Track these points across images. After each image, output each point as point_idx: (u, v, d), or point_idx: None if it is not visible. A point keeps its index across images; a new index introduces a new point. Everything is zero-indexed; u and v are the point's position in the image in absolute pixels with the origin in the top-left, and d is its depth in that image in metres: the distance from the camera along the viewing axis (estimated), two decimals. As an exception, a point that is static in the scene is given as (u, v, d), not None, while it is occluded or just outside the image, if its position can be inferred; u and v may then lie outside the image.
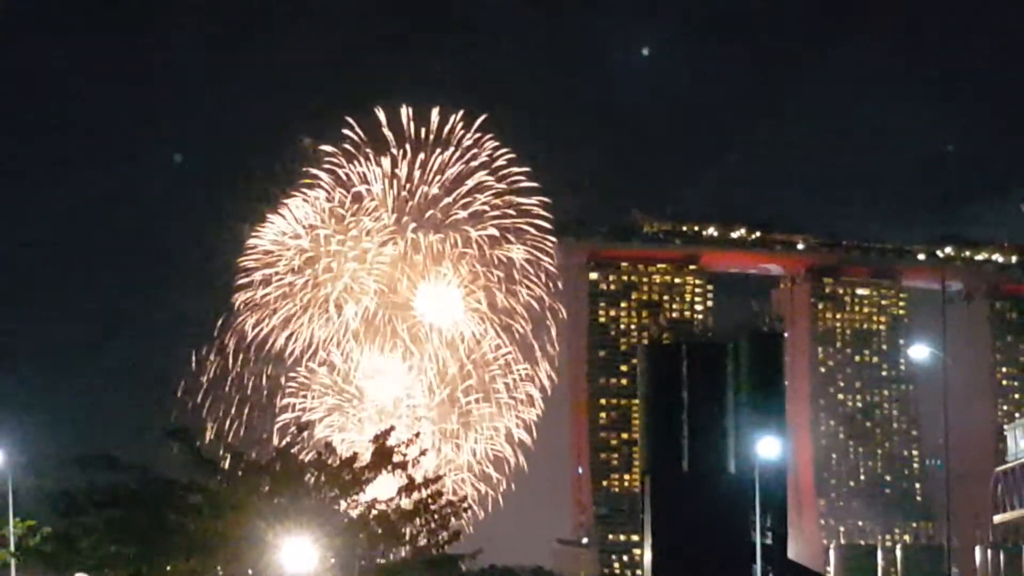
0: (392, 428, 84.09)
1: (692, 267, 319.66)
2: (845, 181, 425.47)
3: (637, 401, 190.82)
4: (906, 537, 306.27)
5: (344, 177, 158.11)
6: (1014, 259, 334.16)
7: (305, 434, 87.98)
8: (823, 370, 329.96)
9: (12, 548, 78.53)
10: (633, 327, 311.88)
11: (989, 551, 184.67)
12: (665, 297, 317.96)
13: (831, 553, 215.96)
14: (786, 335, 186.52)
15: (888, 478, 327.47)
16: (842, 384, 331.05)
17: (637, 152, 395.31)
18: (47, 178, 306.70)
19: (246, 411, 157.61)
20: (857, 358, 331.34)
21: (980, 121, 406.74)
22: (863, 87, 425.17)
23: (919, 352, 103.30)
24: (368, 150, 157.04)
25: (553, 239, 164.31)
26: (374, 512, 79.67)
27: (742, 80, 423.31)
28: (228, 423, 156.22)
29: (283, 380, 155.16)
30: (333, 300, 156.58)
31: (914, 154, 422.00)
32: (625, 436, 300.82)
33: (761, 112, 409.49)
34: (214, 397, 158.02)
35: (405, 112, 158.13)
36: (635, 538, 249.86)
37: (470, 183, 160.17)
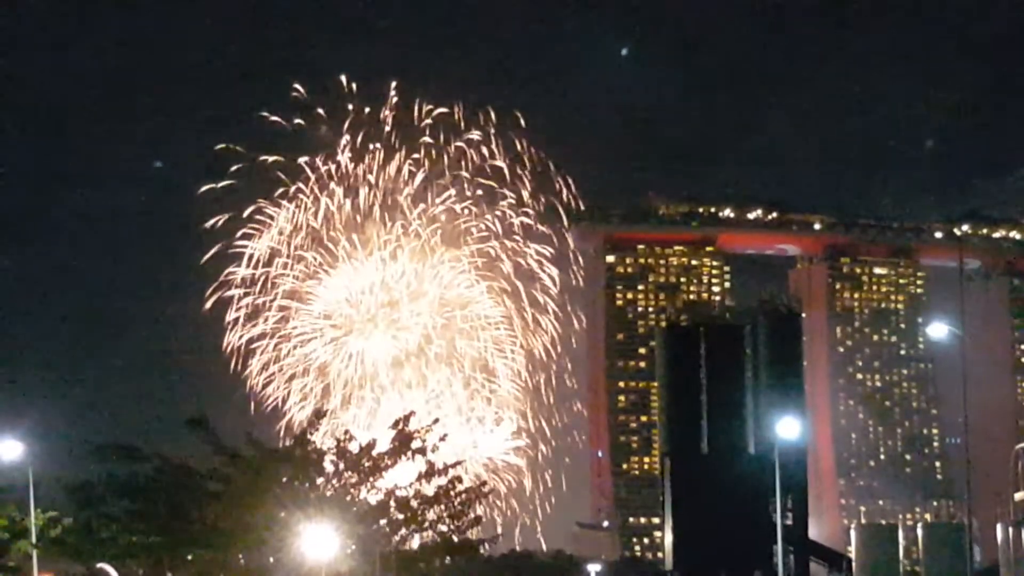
0: (412, 413, 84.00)
1: (709, 249, 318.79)
2: (861, 160, 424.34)
3: (656, 384, 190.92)
4: (927, 516, 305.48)
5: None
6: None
7: (324, 420, 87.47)
8: (841, 350, 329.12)
9: (34, 539, 78.57)
10: (650, 310, 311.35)
11: (1010, 528, 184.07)
12: (682, 279, 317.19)
13: (852, 532, 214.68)
14: (803, 315, 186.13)
15: (908, 457, 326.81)
16: (860, 364, 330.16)
17: (652, 134, 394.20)
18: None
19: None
20: (875, 337, 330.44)
21: (998, 97, 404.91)
22: (878, 65, 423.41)
23: (937, 330, 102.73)
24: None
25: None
26: (394, 498, 79.63)
27: (757, 59, 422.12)
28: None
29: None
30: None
31: (931, 132, 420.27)
32: (644, 419, 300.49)
33: (777, 92, 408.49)
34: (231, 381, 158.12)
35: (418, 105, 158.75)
36: (655, 520, 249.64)
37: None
